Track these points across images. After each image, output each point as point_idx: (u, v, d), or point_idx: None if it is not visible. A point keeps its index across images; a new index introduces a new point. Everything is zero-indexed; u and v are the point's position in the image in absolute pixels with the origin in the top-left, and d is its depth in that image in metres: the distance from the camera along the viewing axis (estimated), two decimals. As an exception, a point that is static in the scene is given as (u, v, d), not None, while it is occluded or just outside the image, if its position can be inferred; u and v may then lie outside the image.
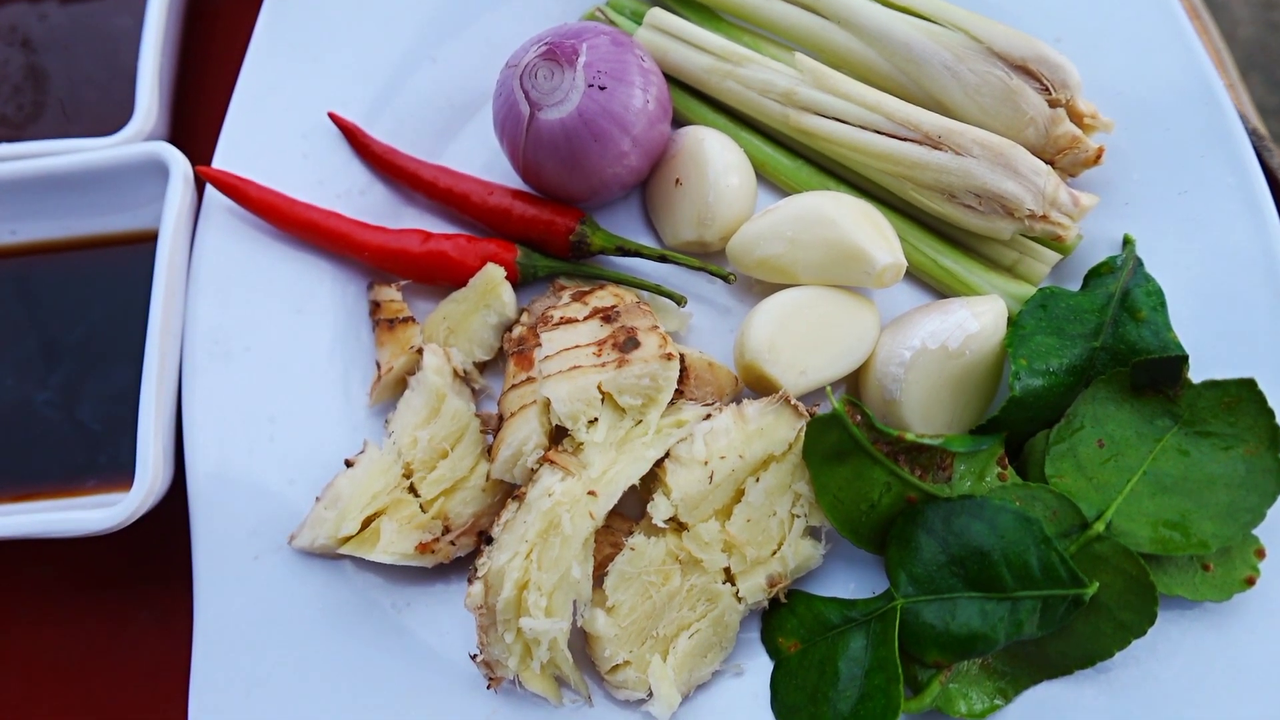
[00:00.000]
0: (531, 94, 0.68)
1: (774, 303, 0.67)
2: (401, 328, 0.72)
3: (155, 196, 0.76)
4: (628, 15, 0.81)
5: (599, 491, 0.60)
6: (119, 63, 0.88)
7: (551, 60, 0.67)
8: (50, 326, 0.77)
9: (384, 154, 0.77)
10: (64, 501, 0.69)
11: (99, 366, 0.76)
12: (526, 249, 0.74)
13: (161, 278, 0.69)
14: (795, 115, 0.72)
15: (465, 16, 0.82)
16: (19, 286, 0.79)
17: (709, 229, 0.72)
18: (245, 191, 0.72)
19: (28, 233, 0.79)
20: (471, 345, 0.73)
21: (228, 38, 0.94)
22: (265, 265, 0.74)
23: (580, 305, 0.70)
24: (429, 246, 0.73)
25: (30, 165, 0.74)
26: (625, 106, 0.68)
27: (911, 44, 0.72)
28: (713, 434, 0.63)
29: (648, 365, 0.63)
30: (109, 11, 0.90)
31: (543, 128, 0.68)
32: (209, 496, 0.67)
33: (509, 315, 0.72)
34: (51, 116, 0.86)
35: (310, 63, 0.80)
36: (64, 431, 0.74)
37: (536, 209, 0.74)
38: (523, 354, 0.68)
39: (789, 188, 0.76)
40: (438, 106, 0.81)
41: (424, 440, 0.67)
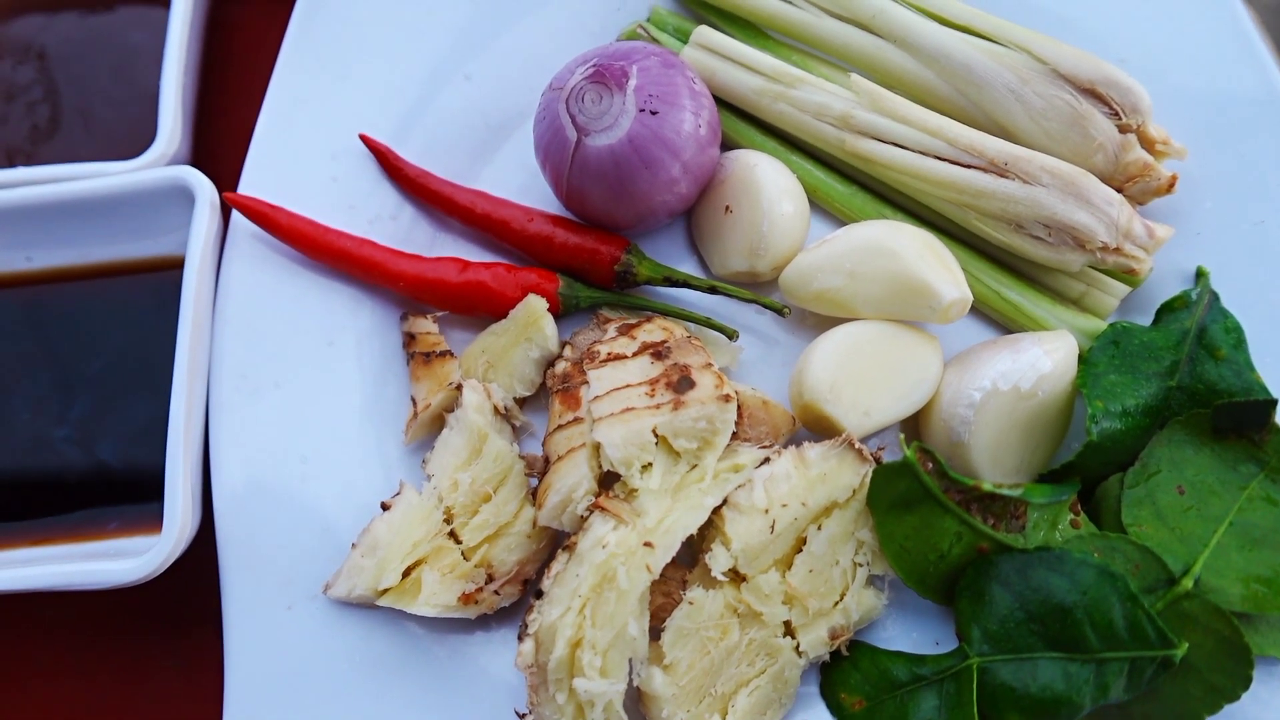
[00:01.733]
0: (578, 118, 0.64)
1: (833, 339, 0.64)
2: (438, 362, 0.69)
3: (178, 222, 0.73)
4: (671, 32, 0.78)
5: (655, 543, 0.57)
6: (135, 78, 0.84)
7: (600, 83, 0.64)
8: (67, 358, 0.74)
9: (418, 177, 0.73)
10: (86, 547, 0.66)
11: (119, 400, 0.72)
12: (568, 279, 0.71)
13: (188, 311, 0.66)
14: (852, 140, 0.69)
15: (501, 32, 0.78)
16: (34, 315, 0.75)
17: (761, 259, 0.68)
18: (274, 219, 0.69)
19: (44, 259, 0.75)
20: (512, 380, 0.69)
21: (247, 53, 0.91)
22: (294, 295, 0.71)
23: (628, 340, 0.66)
24: (467, 276, 0.70)
25: (49, 190, 0.71)
26: (676, 131, 0.64)
27: (972, 65, 0.69)
28: (773, 480, 0.60)
29: (704, 407, 0.60)
30: (124, 25, 0.87)
31: (590, 154, 0.65)
32: (239, 543, 0.64)
33: (551, 349, 0.68)
34: (67, 134, 0.83)
35: (339, 81, 0.76)
36: (83, 469, 0.70)
37: (580, 237, 0.70)
38: (568, 392, 0.65)
39: (843, 215, 0.73)
40: (472, 126, 0.78)
41: (465, 483, 0.64)
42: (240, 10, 0.94)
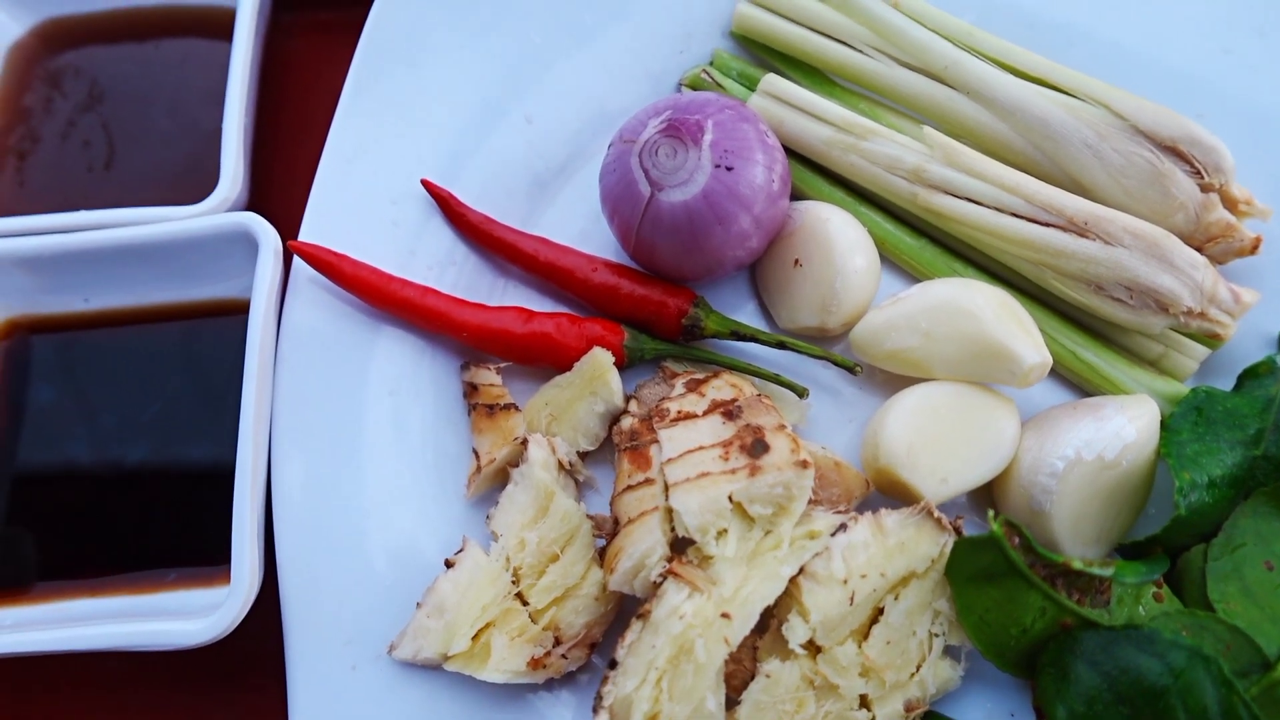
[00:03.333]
0: (652, 173, 0.63)
1: (908, 401, 0.63)
2: (502, 415, 0.68)
3: (237, 266, 0.72)
4: (735, 77, 0.77)
5: (733, 614, 0.56)
6: (191, 114, 0.84)
7: (674, 138, 0.63)
8: (125, 402, 0.73)
9: (480, 224, 0.72)
10: (145, 600, 0.65)
11: (176, 446, 0.71)
12: (633, 330, 0.70)
13: (253, 363, 0.65)
14: (925, 194, 0.68)
15: (563, 74, 0.77)
16: (92, 358, 0.74)
17: (833, 315, 0.67)
18: (339, 268, 0.68)
19: (101, 301, 0.74)
20: (576, 434, 0.68)
21: (297, 87, 0.90)
22: (355, 343, 0.70)
23: (697, 397, 0.65)
24: (531, 327, 0.69)
25: (111, 235, 0.70)
26: (750, 186, 0.63)
27: (1049, 119, 0.68)
28: (851, 549, 0.59)
29: (781, 474, 0.58)
30: (178, 59, 0.86)
31: (663, 208, 0.63)
32: (302, 600, 0.63)
33: (617, 404, 0.67)
34: (122, 172, 0.82)
35: (400, 124, 0.75)
36: (142, 518, 0.70)
37: (646, 289, 0.69)
38: (637, 450, 0.64)
39: (912, 269, 0.71)
40: (532, 170, 0.77)
41: (532, 543, 0.63)
42: (288, 43, 0.93)
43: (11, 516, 0.70)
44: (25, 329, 0.75)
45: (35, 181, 0.81)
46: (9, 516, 0.70)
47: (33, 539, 0.69)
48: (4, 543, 0.69)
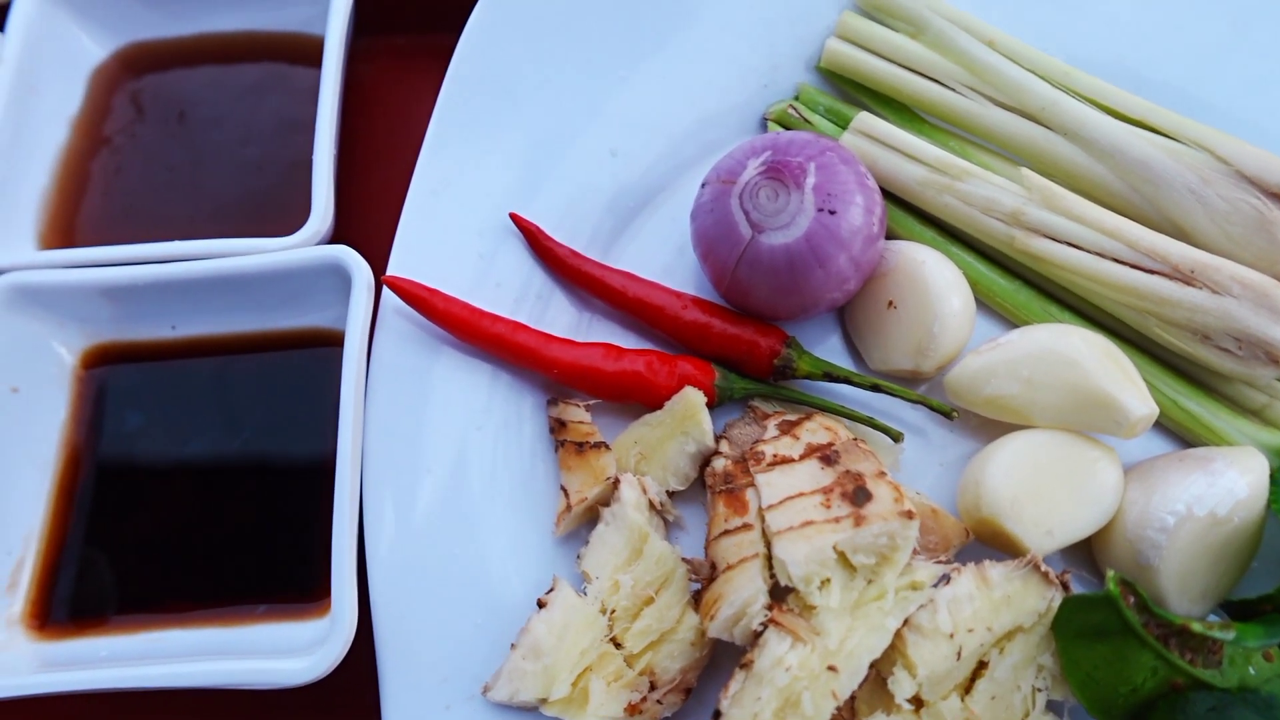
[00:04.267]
0: (752, 215, 0.63)
1: (1010, 449, 0.62)
2: (593, 453, 0.67)
3: (326, 297, 0.72)
4: (822, 113, 0.76)
5: (840, 667, 0.55)
6: (275, 141, 0.84)
7: (776, 180, 0.63)
8: (209, 429, 0.73)
9: (567, 258, 0.72)
10: (236, 633, 0.65)
11: (261, 475, 0.71)
12: (723, 369, 0.69)
13: (349, 399, 0.64)
14: (1023, 237, 0.67)
15: (647, 107, 0.77)
16: (179, 386, 0.74)
17: (928, 359, 0.66)
18: (432, 304, 0.68)
19: (187, 328, 0.75)
20: (665, 474, 0.68)
21: (373, 113, 0.91)
22: (444, 377, 0.70)
23: (791, 440, 0.65)
24: (621, 365, 0.68)
25: (204, 267, 0.70)
26: (851, 230, 0.63)
27: (1150, 163, 0.67)
28: (956, 602, 0.58)
29: (886, 524, 0.58)
30: (262, 84, 0.86)
31: (763, 251, 0.63)
32: (396, 638, 0.63)
33: (709, 444, 0.67)
34: (208, 199, 0.82)
35: (486, 157, 0.75)
36: (230, 550, 0.69)
37: (738, 328, 0.69)
38: (733, 494, 0.63)
39: (1006, 312, 0.70)
40: (616, 203, 0.76)
41: (627, 585, 0.62)
42: (363, 68, 0.93)
43: (94, 543, 0.70)
44: (113, 355, 0.75)
45: (117, 205, 0.82)
46: (91, 543, 0.70)
47: (115, 567, 0.69)
48: (86, 570, 0.69)
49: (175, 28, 0.88)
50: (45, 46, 0.83)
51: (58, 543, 0.69)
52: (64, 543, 0.69)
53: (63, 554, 0.69)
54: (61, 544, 0.69)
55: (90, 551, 0.70)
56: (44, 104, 0.83)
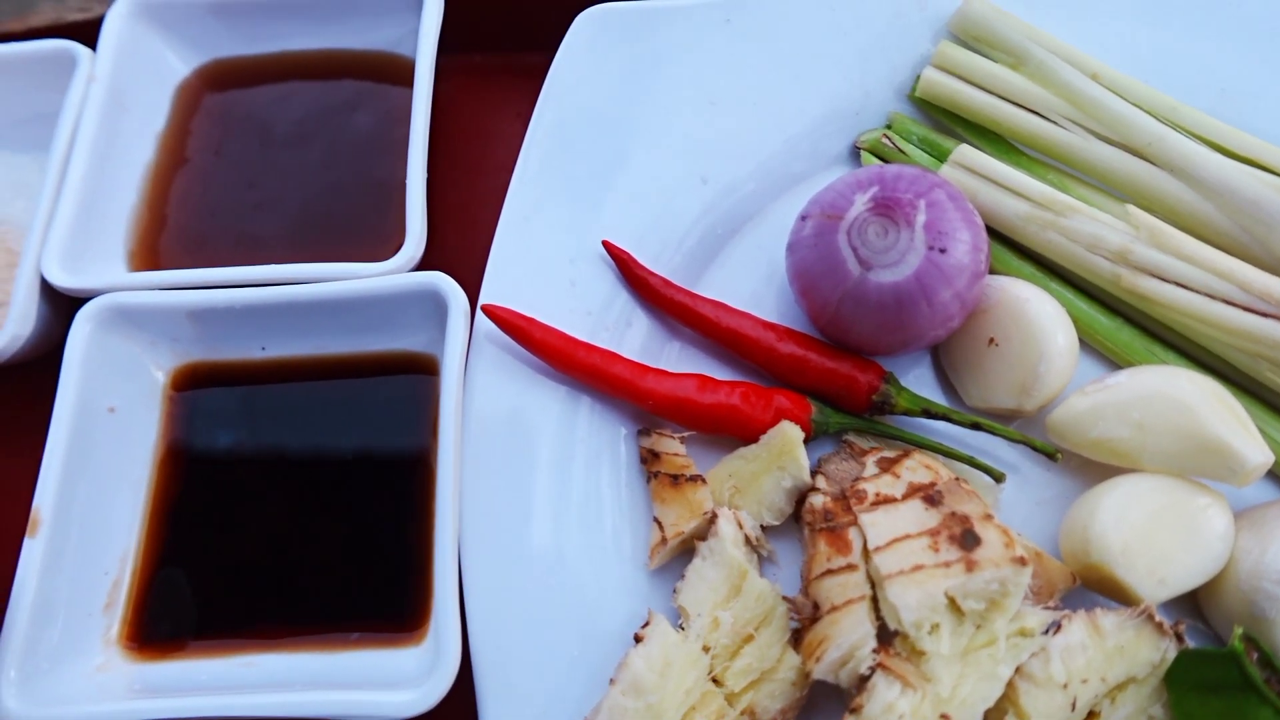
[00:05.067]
0: (860, 252, 0.62)
1: (1118, 494, 0.61)
2: (688, 486, 0.67)
3: (418, 321, 0.72)
4: (916, 143, 0.75)
5: (953, 715, 0.54)
6: (362, 161, 0.84)
7: (885, 217, 0.62)
8: (298, 450, 0.73)
9: (660, 287, 0.72)
10: (331, 659, 0.65)
11: (352, 499, 0.71)
12: (819, 404, 0.69)
13: (450, 428, 0.64)
14: (1129, 276, 0.66)
15: (738, 135, 0.76)
16: (266, 405, 0.75)
17: (1031, 397, 0.65)
18: (529, 333, 0.68)
19: (278, 350, 0.75)
20: (760, 508, 0.67)
21: (451, 131, 0.91)
22: (537, 406, 0.70)
23: (892, 478, 0.64)
24: (717, 398, 0.68)
25: (299, 291, 0.70)
26: (959, 267, 0.62)
27: (1261, 202, 0.66)
28: (1069, 651, 0.57)
29: (998, 570, 0.57)
30: (348, 103, 0.87)
31: (870, 288, 0.62)
32: (495, 670, 0.62)
33: (805, 480, 0.66)
34: (297, 220, 0.82)
35: (576, 184, 0.75)
36: (316, 573, 0.70)
37: (835, 362, 0.68)
38: (835, 533, 0.63)
39: (1109, 351, 0.69)
40: (705, 231, 0.76)
41: (727, 623, 0.62)
42: (441, 86, 0.93)
43: (186, 564, 0.70)
44: (202, 375, 0.75)
45: (201, 223, 0.82)
46: (183, 563, 0.70)
47: (207, 589, 0.70)
48: (179, 591, 0.70)
49: (258, 46, 0.89)
50: (134, 63, 0.84)
51: (151, 563, 0.70)
52: (157, 563, 0.70)
53: (156, 574, 0.69)
54: (155, 564, 0.70)
55: (182, 572, 0.70)
56: (132, 121, 0.83)
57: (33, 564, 0.62)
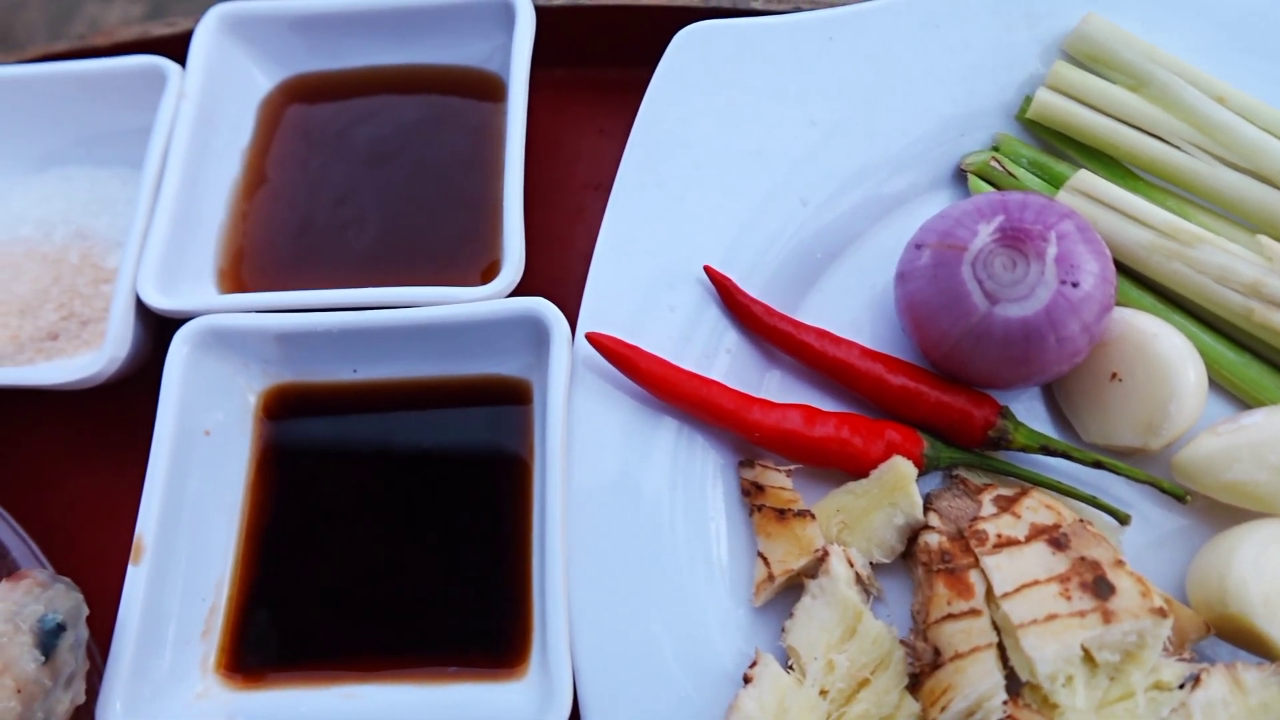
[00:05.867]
0: (986, 285, 0.60)
1: (1256, 541, 0.58)
2: (796, 521, 0.65)
3: (514, 346, 0.71)
4: (1026, 165, 0.73)
5: (1092, 774, 0.53)
6: (450, 181, 0.83)
7: (1014, 249, 0.60)
8: (391, 473, 0.72)
9: (762, 314, 0.70)
10: (434, 691, 0.63)
11: (445, 525, 0.70)
12: (930, 438, 0.67)
13: (555, 456, 0.63)
14: (1263, 310, 0.63)
15: (839, 156, 0.74)
16: (357, 428, 0.74)
17: (1158, 436, 0.63)
18: (634, 362, 0.66)
19: (369, 372, 0.74)
20: (870, 545, 0.65)
21: (537, 154, 0.89)
22: (639, 435, 0.68)
23: (1012, 518, 0.62)
24: (825, 431, 0.66)
25: (391, 317, 0.69)
26: (1089, 301, 0.59)
27: (1403, 234, 0.63)
28: (1210, 707, 0.54)
29: (1137, 621, 0.55)
30: (434, 120, 0.85)
31: (996, 323, 0.60)
32: (603, 708, 0.61)
33: (918, 518, 0.64)
34: (373, 235, 0.81)
35: (675, 206, 0.73)
36: (413, 601, 0.68)
37: (949, 396, 0.66)
38: (954, 575, 0.61)
39: (1236, 389, 0.66)
40: (804, 255, 0.74)
41: (842, 666, 0.60)
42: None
43: (278, 591, 0.69)
44: (293, 397, 0.75)
45: (287, 240, 0.81)
46: (275, 590, 0.69)
47: (299, 616, 0.69)
48: (272, 618, 0.69)
49: (341, 61, 0.87)
50: (221, 79, 0.83)
51: (245, 589, 0.69)
52: (251, 589, 0.69)
53: (250, 601, 0.69)
54: (249, 590, 0.69)
55: (276, 599, 0.69)
56: (220, 137, 0.83)
57: (137, 592, 0.62)
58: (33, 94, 0.85)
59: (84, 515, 0.77)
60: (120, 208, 0.86)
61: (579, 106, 0.91)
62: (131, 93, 0.83)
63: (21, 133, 0.87)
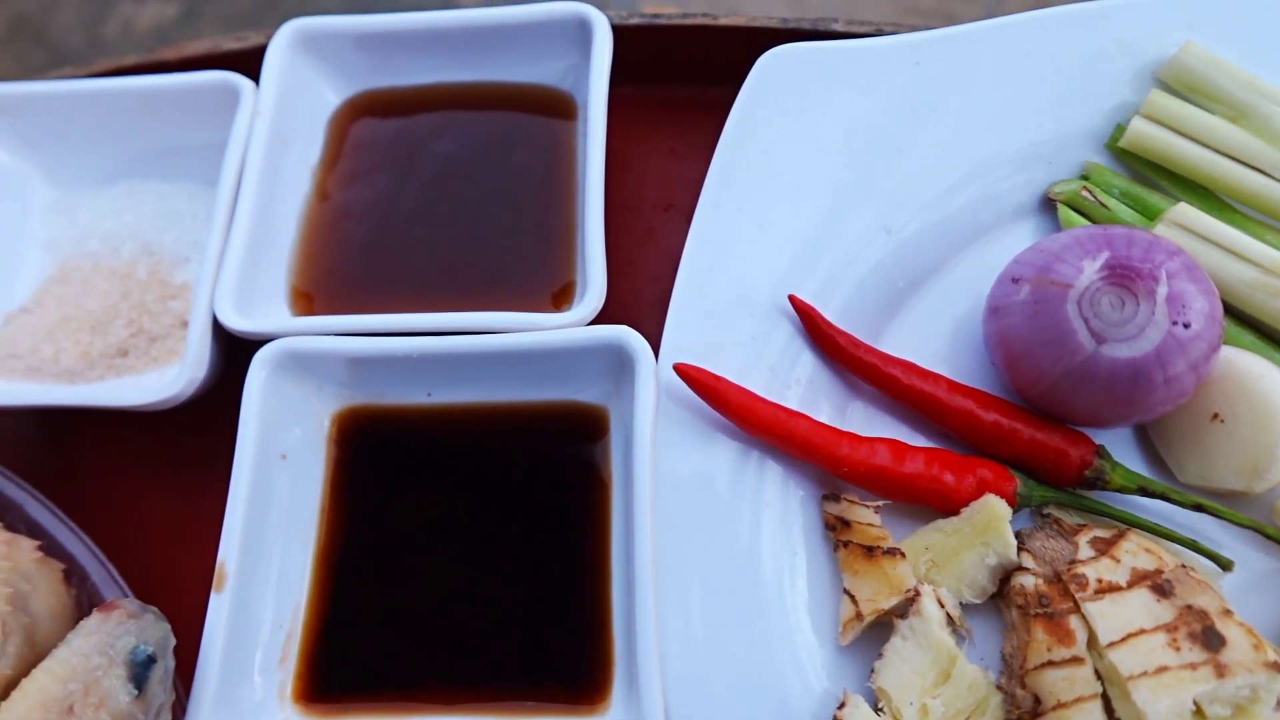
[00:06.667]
0: (1093, 324, 0.58)
1: (1371, 592, 0.57)
2: (886, 560, 0.63)
3: (594, 373, 0.70)
4: (1118, 196, 0.71)
5: (1206, 834, 0.51)
6: (520, 202, 0.82)
7: (1122, 288, 0.58)
8: (465, 501, 0.71)
9: (849, 346, 0.68)
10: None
11: (521, 554, 0.69)
12: (1023, 476, 0.65)
13: (643, 495, 0.62)
14: (1373, 353, 0.62)
15: (924, 184, 0.73)
16: (432, 452, 0.73)
17: (1263, 480, 0.61)
18: (723, 394, 0.65)
19: (444, 396, 0.73)
20: (960, 585, 0.64)
21: (609, 173, 0.88)
22: (725, 467, 0.67)
23: (1111, 562, 0.60)
24: (916, 467, 0.64)
25: (471, 343, 0.68)
26: (1199, 341, 0.58)
27: None
28: (1327, 765, 0.53)
29: (1251, 676, 0.53)
30: (506, 138, 0.84)
31: (1102, 363, 0.58)
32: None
33: (1011, 558, 0.63)
34: (447, 256, 0.80)
35: (757, 234, 0.72)
36: (486, 630, 0.67)
37: (1045, 434, 0.64)
38: (1053, 620, 0.59)
39: (1341, 429, 0.65)
40: (887, 285, 0.72)
41: (937, 711, 0.59)
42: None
43: (351, 618, 0.68)
44: (365, 420, 0.74)
45: (358, 261, 0.80)
46: (348, 617, 0.69)
47: (373, 644, 0.68)
48: (347, 646, 0.68)
49: (409, 78, 0.87)
50: (294, 96, 0.82)
51: (320, 616, 0.68)
52: (325, 617, 0.68)
53: (324, 628, 0.68)
54: (323, 618, 0.68)
55: (350, 627, 0.68)
56: (292, 155, 0.82)
57: (220, 620, 0.61)
58: (103, 108, 0.84)
59: (155, 537, 0.76)
60: (187, 222, 0.86)
61: (647, 126, 0.89)
62: (202, 108, 0.82)
63: (88, 146, 0.86)
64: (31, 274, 0.85)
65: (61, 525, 0.65)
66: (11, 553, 0.56)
